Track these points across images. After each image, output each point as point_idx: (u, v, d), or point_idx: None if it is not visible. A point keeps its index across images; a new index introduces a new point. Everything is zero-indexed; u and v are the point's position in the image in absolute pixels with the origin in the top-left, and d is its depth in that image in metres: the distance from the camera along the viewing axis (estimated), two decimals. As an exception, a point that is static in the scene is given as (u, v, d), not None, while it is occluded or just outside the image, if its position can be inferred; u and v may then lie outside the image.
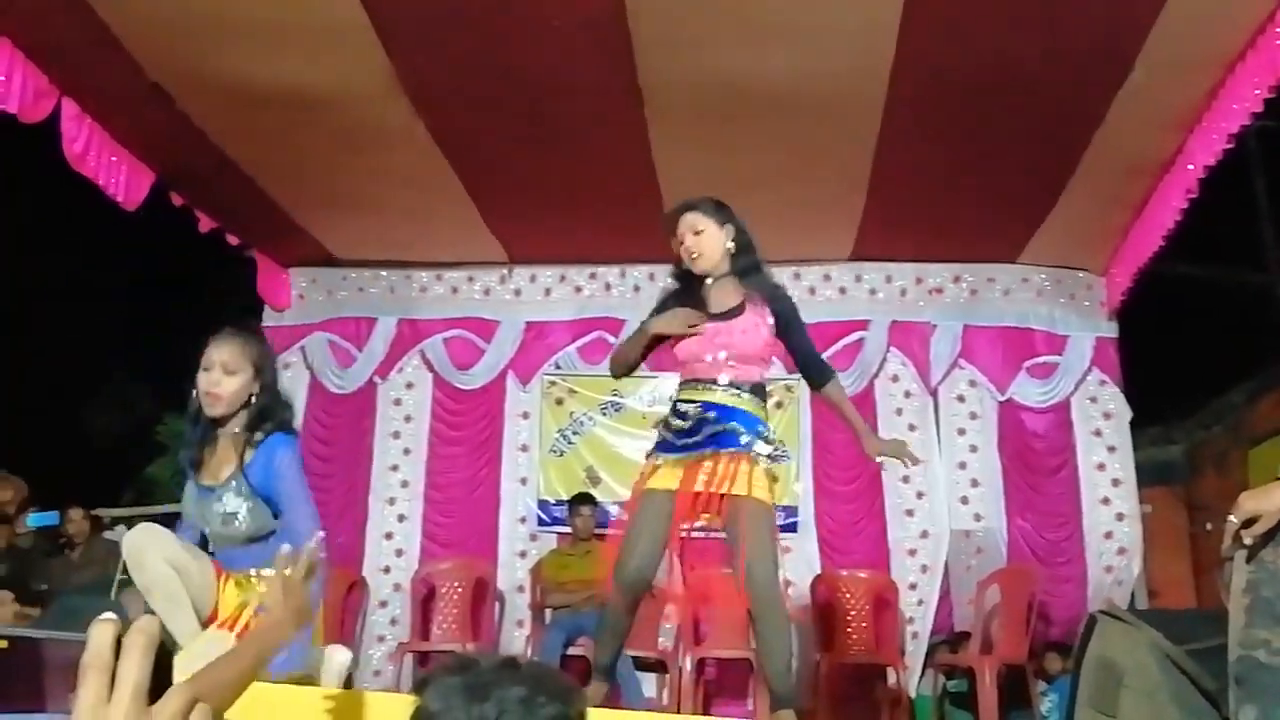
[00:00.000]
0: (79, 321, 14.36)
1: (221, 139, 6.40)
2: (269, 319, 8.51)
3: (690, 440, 4.01)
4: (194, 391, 3.51)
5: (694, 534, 4.21)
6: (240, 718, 1.64)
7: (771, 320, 4.13)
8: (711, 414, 4.01)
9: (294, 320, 8.49)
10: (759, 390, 4.13)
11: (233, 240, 7.74)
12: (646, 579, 4.00)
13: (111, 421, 15.85)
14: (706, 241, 4.14)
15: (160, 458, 15.09)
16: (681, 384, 4.20)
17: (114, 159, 6.25)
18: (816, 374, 4.27)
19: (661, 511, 4.00)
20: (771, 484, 4.00)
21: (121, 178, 6.31)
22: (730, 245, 4.16)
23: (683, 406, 4.09)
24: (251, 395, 3.50)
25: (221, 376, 3.46)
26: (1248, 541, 2.39)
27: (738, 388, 4.06)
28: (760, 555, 3.84)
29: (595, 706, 3.75)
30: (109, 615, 0.83)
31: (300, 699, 2.78)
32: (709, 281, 4.19)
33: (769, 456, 4.02)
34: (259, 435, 3.48)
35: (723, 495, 3.91)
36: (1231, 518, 2.40)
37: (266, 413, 3.52)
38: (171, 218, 7.03)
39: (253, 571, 3.49)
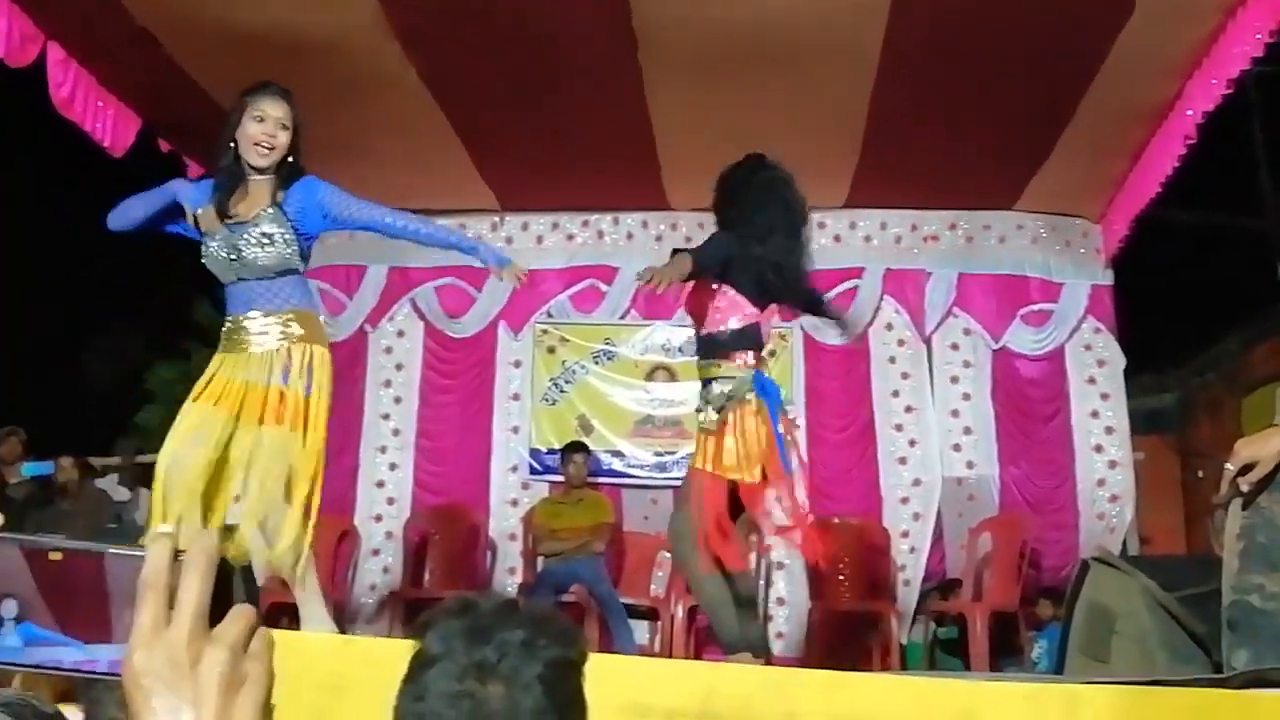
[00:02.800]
0: (70, 271, 14.31)
1: (209, 85, 6.31)
2: (259, 267, 8.46)
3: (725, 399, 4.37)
4: (230, 142, 3.80)
5: None
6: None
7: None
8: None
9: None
10: (704, 345, 4.48)
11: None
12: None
13: (102, 370, 15.84)
14: None
15: (150, 405, 15.11)
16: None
17: (101, 104, 6.19)
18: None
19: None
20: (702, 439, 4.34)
21: (109, 123, 6.25)
22: None
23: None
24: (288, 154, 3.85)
25: (277, 130, 3.80)
26: (1244, 488, 2.38)
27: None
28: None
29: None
30: (167, 529, 0.80)
31: (298, 645, 2.78)
32: None
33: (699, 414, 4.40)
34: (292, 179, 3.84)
35: None
36: (1228, 465, 2.39)
37: (300, 166, 3.89)
38: (160, 164, 6.98)
39: (273, 311, 3.76)
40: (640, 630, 7.17)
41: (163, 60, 5.98)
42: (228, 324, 3.86)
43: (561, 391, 8.23)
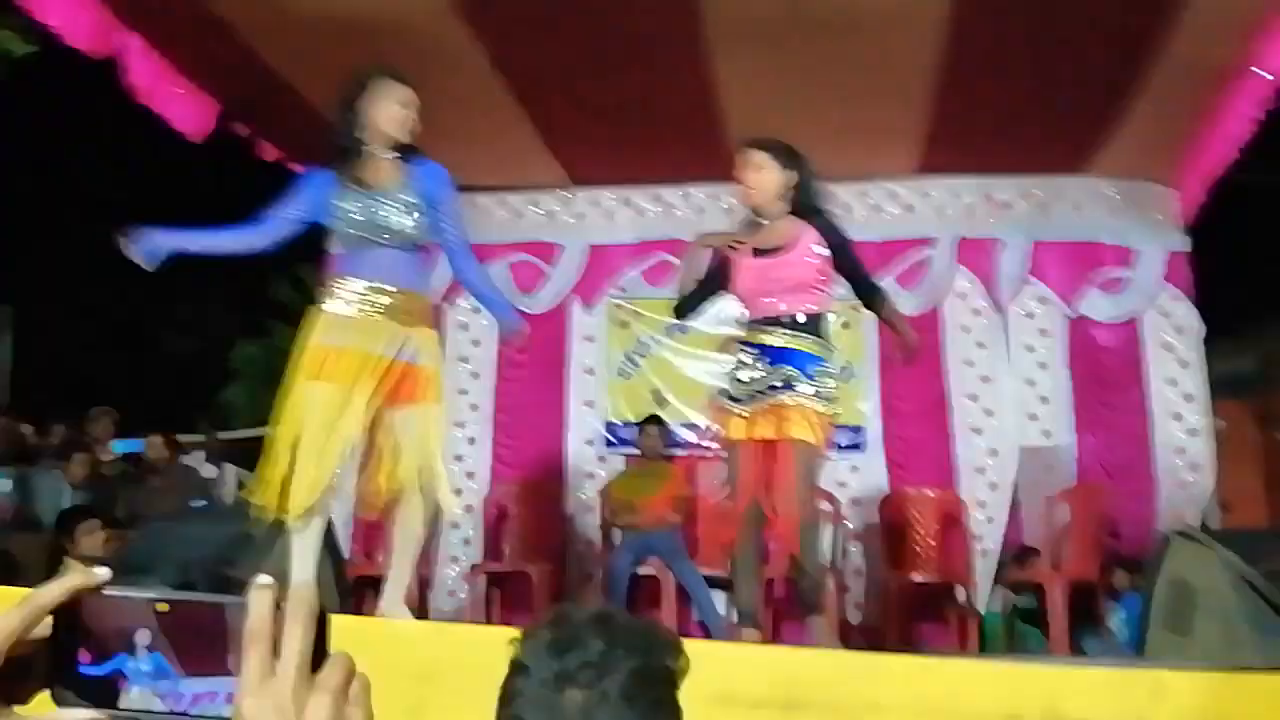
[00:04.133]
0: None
1: (284, 69, 6.42)
2: (333, 245, 8.58)
3: (750, 390, 4.35)
4: (354, 118, 4.13)
5: None
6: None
7: (821, 249, 4.39)
8: (766, 359, 4.33)
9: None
10: (815, 323, 4.39)
11: (297, 169, 7.79)
12: (759, 516, 4.34)
13: (186, 348, 16.14)
14: (764, 178, 4.41)
15: (233, 383, 15.39)
16: (747, 325, 4.49)
17: (179, 92, 6.32)
18: (867, 297, 4.60)
19: (748, 458, 4.35)
20: (823, 418, 4.30)
21: (188, 110, 6.39)
22: (790, 190, 4.39)
23: (743, 355, 4.43)
24: None
25: (412, 114, 4.14)
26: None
27: (794, 326, 4.35)
28: (807, 497, 4.29)
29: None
30: (267, 580, 0.84)
31: (392, 632, 2.85)
32: (765, 221, 4.46)
33: (821, 396, 4.30)
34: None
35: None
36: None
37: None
38: (237, 148, 7.11)
39: (393, 285, 4.01)
40: (718, 600, 7.22)
41: (237, 46, 6.08)
42: (346, 285, 4.08)
43: (635, 365, 8.29)
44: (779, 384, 4.28)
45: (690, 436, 8.00)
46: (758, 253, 4.44)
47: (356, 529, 7.77)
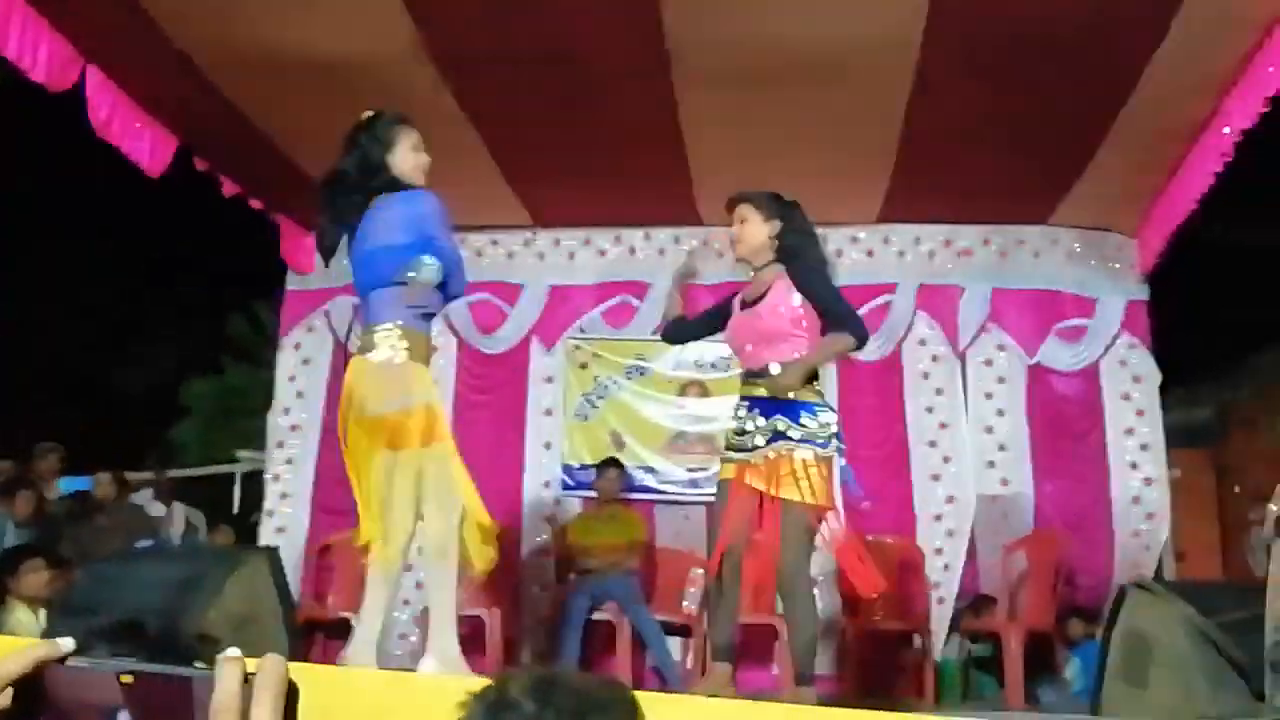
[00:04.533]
0: (104, 288, 14.38)
1: (246, 106, 6.36)
2: (293, 283, 8.51)
3: (747, 441, 4.34)
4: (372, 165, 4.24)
5: None
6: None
7: (796, 292, 4.38)
8: (756, 412, 4.33)
9: (318, 284, 8.42)
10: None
11: (256, 204, 7.72)
12: (735, 557, 4.31)
13: (136, 384, 15.94)
14: (748, 230, 4.46)
15: (184, 420, 15.20)
16: (741, 378, 4.55)
17: (138, 126, 6.26)
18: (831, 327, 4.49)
19: (730, 498, 4.36)
20: (822, 463, 4.30)
21: (146, 144, 6.32)
22: (774, 238, 4.42)
23: (739, 404, 4.45)
24: None
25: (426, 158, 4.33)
26: (1288, 527, 2.36)
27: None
28: (793, 558, 4.25)
29: (723, 686, 4.21)
30: (235, 653, 0.82)
31: (345, 681, 2.77)
32: (751, 273, 4.52)
33: (815, 441, 4.30)
34: None
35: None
36: (1272, 505, 2.38)
37: None
38: (195, 183, 7.03)
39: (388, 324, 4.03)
40: (673, 647, 7.15)
41: (199, 82, 6.03)
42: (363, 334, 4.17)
43: (594, 407, 8.23)
44: (771, 435, 4.27)
45: (648, 480, 7.95)
46: (743, 305, 4.48)
47: (306, 571, 7.66)
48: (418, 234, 4.07)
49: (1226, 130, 5.86)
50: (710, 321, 4.75)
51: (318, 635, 6.99)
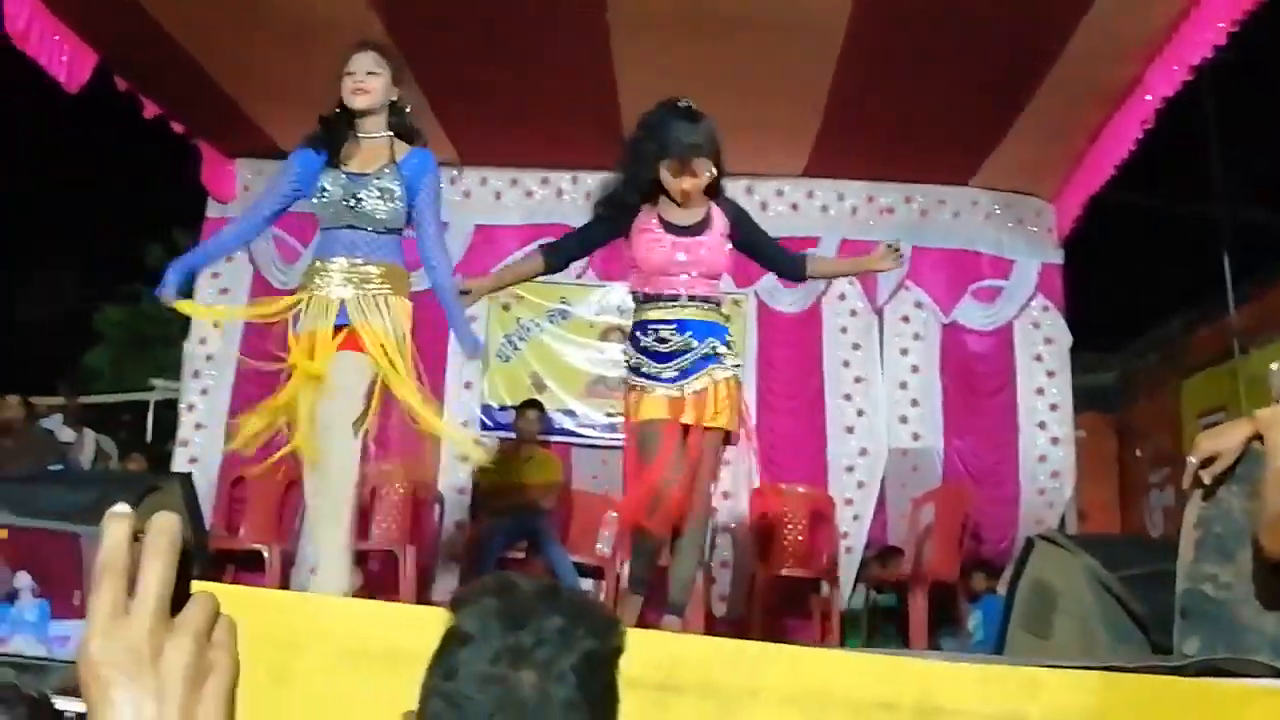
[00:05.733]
0: (15, 208, 14.02)
1: (170, 24, 6.23)
2: (213, 210, 8.37)
3: (675, 366, 4.18)
4: (337, 107, 4.03)
5: None
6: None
7: (729, 228, 4.32)
8: (688, 335, 4.17)
9: (238, 213, 8.31)
10: (719, 304, 4.34)
11: (178, 128, 7.57)
12: (663, 498, 4.13)
13: (47, 310, 15.61)
14: (704, 182, 4.25)
15: (97, 346, 14.91)
16: (645, 300, 4.31)
17: (57, 38, 6.08)
18: (790, 267, 4.63)
19: (662, 439, 4.14)
20: (740, 395, 4.27)
21: (64, 58, 6.14)
22: (710, 174, 4.26)
23: (656, 327, 4.23)
24: (391, 99, 4.07)
25: (365, 76, 3.99)
26: (1206, 480, 2.44)
27: (706, 302, 4.25)
28: (707, 488, 4.22)
29: (632, 619, 4.13)
30: (123, 509, 0.74)
31: (257, 600, 2.78)
32: (678, 204, 4.31)
33: (737, 365, 4.30)
34: (413, 140, 4.11)
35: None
36: (1190, 458, 2.45)
37: (413, 119, 4.16)
38: (115, 103, 6.87)
39: (368, 260, 3.95)
40: (586, 587, 7.21)
41: (124, -2, 5.89)
42: (315, 264, 4.04)
43: (515, 349, 8.23)
44: (704, 356, 4.16)
45: (567, 423, 7.98)
46: (671, 228, 4.29)
47: (219, 500, 7.60)
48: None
49: (1149, 97, 5.98)
50: (591, 239, 4.68)
51: (229, 566, 6.95)
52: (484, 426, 8.07)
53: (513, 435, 7.52)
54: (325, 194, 3.99)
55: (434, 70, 6.68)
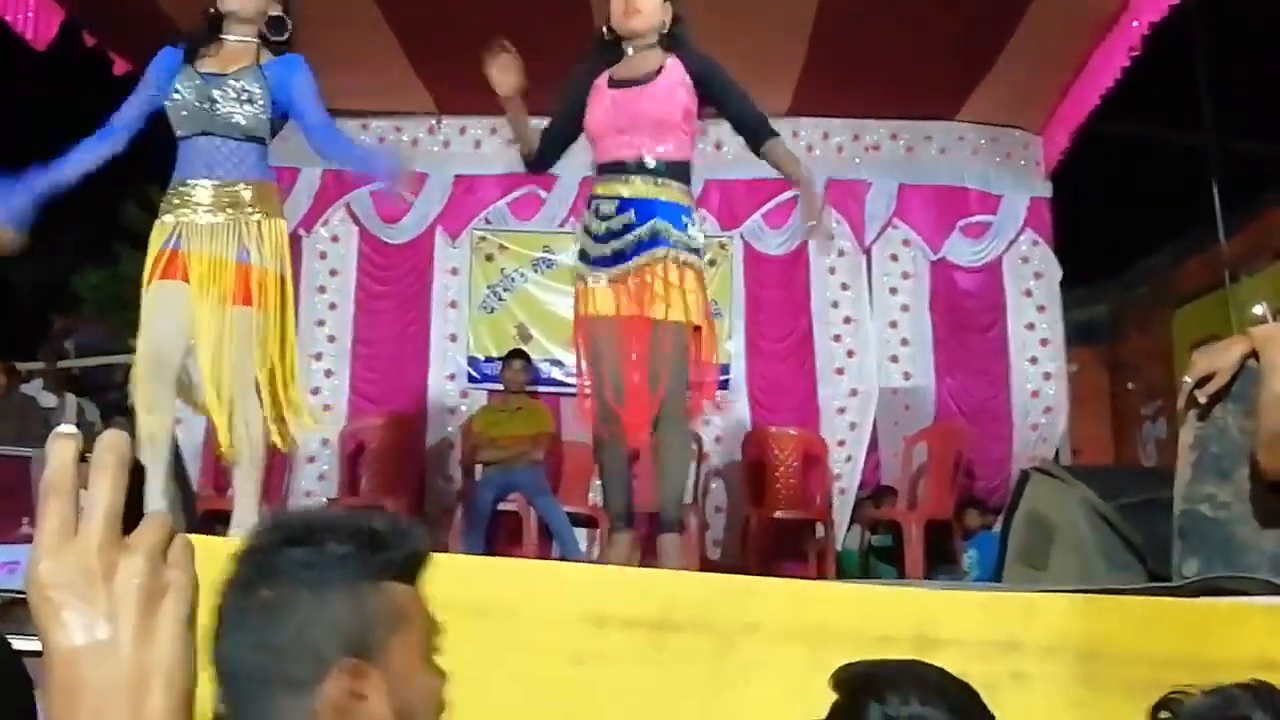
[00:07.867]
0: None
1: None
2: (188, 168, 8.25)
3: (611, 249, 3.81)
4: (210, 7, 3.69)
5: None
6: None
7: (690, 81, 3.88)
8: (629, 213, 3.78)
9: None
10: (682, 171, 3.87)
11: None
12: (614, 405, 3.79)
13: (26, 275, 15.47)
14: (648, 2, 3.90)
15: (77, 311, 14.79)
16: (598, 172, 3.96)
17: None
18: (752, 134, 4.02)
19: (611, 338, 3.81)
20: (699, 285, 3.83)
21: (30, 14, 6.01)
22: (667, 19, 3.92)
23: (599, 203, 3.88)
24: (273, 13, 3.74)
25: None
26: (1201, 400, 2.39)
27: (656, 172, 3.80)
28: (675, 385, 3.73)
29: (630, 555, 3.85)
30: (68, 429, 0.71)
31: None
32: (630, 51, 3.96)
33: (695, 250, 3.83)
34: (278, 47, 3.76)
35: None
36: (1186, 377, 2.40)
37: (286, 24, 3.77)
38: (84, 60, 6.75)
39: (233, 180, 3.64)
40: (579, 538, 7.17)
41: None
42: (178, 186, 3.69)
43: (500, 299, 8.15)
44: (647, 238, 3.74)
45: (555, 373, 7.92)
46: (615, 83, 3.93)
47: (206, 462, 7.53)
48: None
49: (1135, 24, 5.90)
50: (577, 116, 4.07)
51: (217, 527, 6.89)
52: (470, 379, 8.02)
53: (500, 387, 7.45)
54: (178, 95, 3.64)
55: (409, 17, 6.58)
